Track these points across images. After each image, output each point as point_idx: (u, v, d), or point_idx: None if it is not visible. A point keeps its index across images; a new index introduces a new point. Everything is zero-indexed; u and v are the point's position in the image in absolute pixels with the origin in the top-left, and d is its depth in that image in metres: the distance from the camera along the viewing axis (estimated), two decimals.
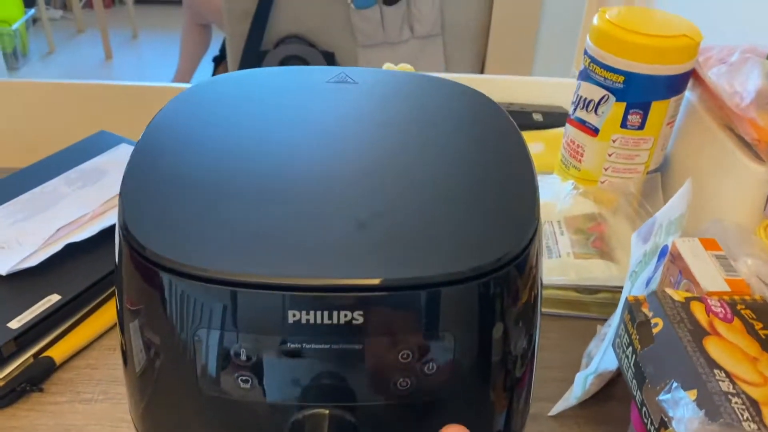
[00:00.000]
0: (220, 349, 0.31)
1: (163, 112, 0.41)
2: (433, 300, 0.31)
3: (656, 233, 0.52)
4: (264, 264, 0.30)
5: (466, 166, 0.38)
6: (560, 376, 0.60)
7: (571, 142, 0.72)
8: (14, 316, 0.57)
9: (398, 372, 0.31)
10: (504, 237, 0.33)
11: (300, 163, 0.37)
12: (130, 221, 0.32)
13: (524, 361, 0.37)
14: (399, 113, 0.42)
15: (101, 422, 0.54)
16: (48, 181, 0.72)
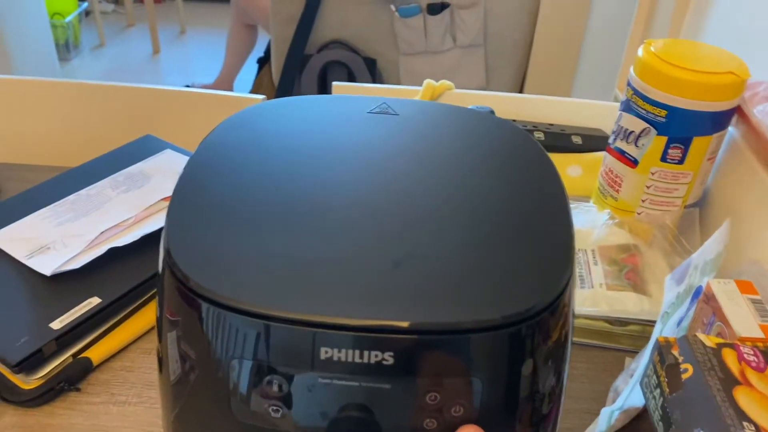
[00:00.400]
0: (252, 377, 0.32)
1: (211, 137, 0.42)
2: (463, 345, 0.31)
3: (691, 274, 0.51)
4: (300, 301, 0.31)
5: (504, 207, 0.38)
6: (585, 407, 0.60)
7: (610, 172, 0.72)
8: (56, 317, 0.59)
9: (425, 413, 0.32)
10: (537, 285, 0.33)
11: (340, 195, 0.38)
12: (173, 249, 0.34)
13: (552, 398, 0.37)
14: (438, 149, 0.43)
15: (133, 426, 0.56)
16: (94, 184, 0.75)
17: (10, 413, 0.56)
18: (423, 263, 0.34)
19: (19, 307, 0.60)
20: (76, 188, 0.74)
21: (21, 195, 0.73)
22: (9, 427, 0.55)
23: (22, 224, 0.68)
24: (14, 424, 0.55)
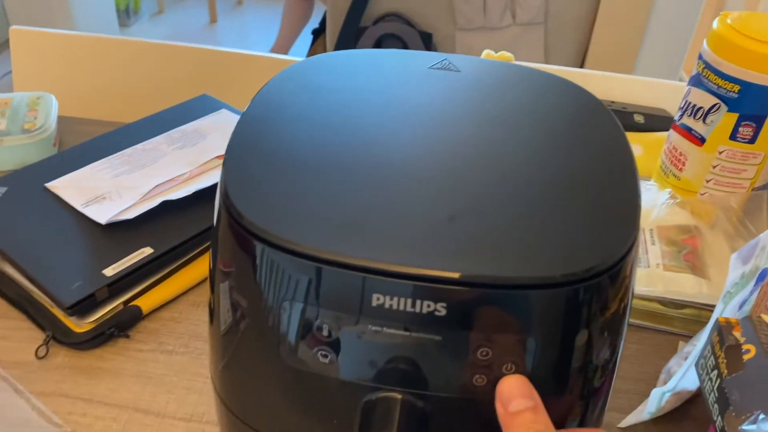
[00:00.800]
0: (302, 321, 0.32)
1: (269, 86, 0.42)
2: (520, 302, 0.30)
3: (758, 255, 0.49)
4: (356, 246, 0.30)
5: (568, 165, 0.37)
6: (634, 388, 0.58)
7: (674, 149, 0.69)
8: (109, 265, 0.60)
9: (475, 368, 0.31)
10: (601, 244, 0.32)
11: (398, 148, 0.37)
12: (231, 188, 0.33)
13: (604, 372, 0.36)
14: (501, 105, 0.41)
15: (179, 374, 0.57)
16: (150, 139, 0.76)
17: (62, 354, 0.57)
18: (482, 217, 0.33)
19: (74, 254, 0.62)
20: (133, 142, 0.75)
21: (80, 146, 0.75)
22: (61, 367, 0.56)
23: (79, 174, 0.70)
24: (66, 365, 0.57)
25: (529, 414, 0.30)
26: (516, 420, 0.30)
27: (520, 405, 0.30)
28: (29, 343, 0.58)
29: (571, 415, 0.36)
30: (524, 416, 0.30)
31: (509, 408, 0.30)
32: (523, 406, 0.30)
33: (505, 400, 0.31)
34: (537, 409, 0.31)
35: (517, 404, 0.30)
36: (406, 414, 0.32)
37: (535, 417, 0.30)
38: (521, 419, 0.30)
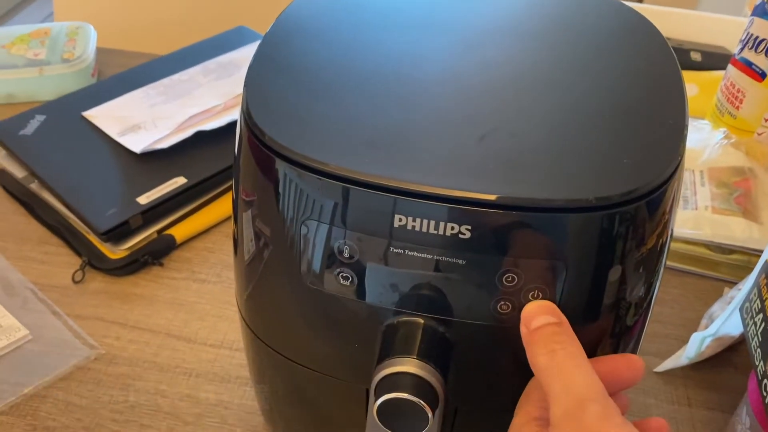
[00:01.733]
0: (324, 243, 0.31)
1: (293, 6, 0.40)
2: (548, 225, 0.29)
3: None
4: (378, 164, 0.29)
5: (610, 87, 0.34)
6: (674, 333, 0.56)
7: (731, 86, 0.65)
8: (143, 193, 0.60)
9: (500, 294, 0.30)
10: (640, 170, 0.29)
11: (429, 66, 0.35)
12: (253, 108, 0.32)
13: (638, 311, 0.34)
14: (542, 25, 0.39)
15: (211, 302, 0.57)
16: (186, 70, 0.75)
17: (98, 280, 0.58)
18: (514, 137, 0.31)
19: (109, 182, 0.62)
20: (169, 73, 0.74)
21: (117, 76, 0.75)
22: (97, 292, 0.57)
23: (115, 103, 0.70)
24: (102, 290, 0.58)
25: (551, 327, 0.29)
26: (537, 334, 0.29)
27: (542, 321, 0.29)
28: (66, 268, 0.59)
29: (600, 352, 0.34)
30: (546, 329, 0.29)
31: (531, 325, 0.29)
32: (545, 321, 0.29)
33: (528, 319, 0.29)
34: (561, 325, 0.29)
35: (538, 321, 0.29)
36: (427, 339, 0.31)
37: (559, 329, 0.29)
38: (543, 332, 0.28)
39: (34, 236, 0.62)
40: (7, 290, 0.57)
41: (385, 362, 0.31)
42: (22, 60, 0.77)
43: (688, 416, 0.50)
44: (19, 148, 0.64)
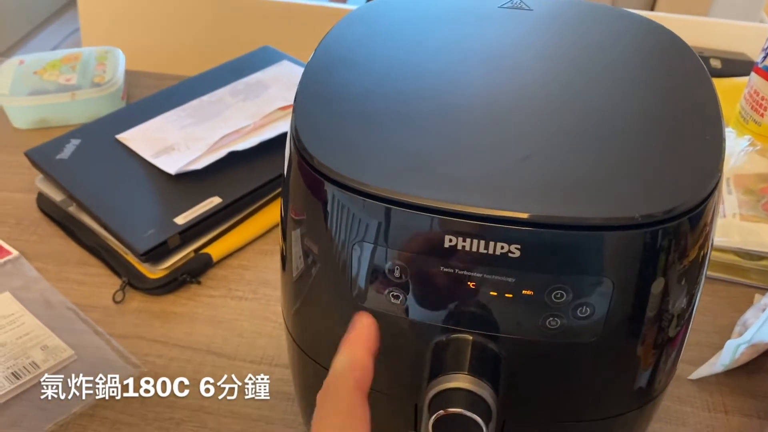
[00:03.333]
0: (374, 263, 0.32)
1: (335, 30, 0.41)
2: (595, 243, 0.30)
3: None
4: (426, 187, 0.30)
5: (648, 106, 0.35)
6: (707, 340, 0.57)
7: (755, 93, 0.65)
8: (180, 213, 0.62)
9: (548, 310, 0.31)
10: (681, 186, 0.30)
11: (469, 90, 0.36)
12: (302, 133, 0.33)
13: (680, 321, 0.35)
14: (576, 45, 0.40)
15: (249, 319, 0.58)
16: (214, 91, 0.77)
17: (138, 299, 0.60)
18: (557, 156, 0.32)
19: (146, 203, 0.64)
20: (198, 95, 0.76)
21: (146, 99, 0.77)
22: (137, 311, 0.59)
23: (148, 126, 0.71)
24: (141, 309, 0.59)
25: None
26: None
27: None
28: (106, 289, 0.60)
29: (644, 363, 0.35)
30: None
31: None
32: None
33: None
34: None
35: None
36: (477, 355, 0.32)
37: None
38: None
39: (74, 258, 0.63)
40: (49, 311, 0.59)
41: (438, 378, 0.32)
42: (54, 85, 0.79)
43: (724, 423, 0.51)
44: (57, 172, 0.66)
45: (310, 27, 0.92)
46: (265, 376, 0.53)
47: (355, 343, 0.30)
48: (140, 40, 1.00)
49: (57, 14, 2.59)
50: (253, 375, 0.53)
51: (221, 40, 0.96)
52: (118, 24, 1.02)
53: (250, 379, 0.53)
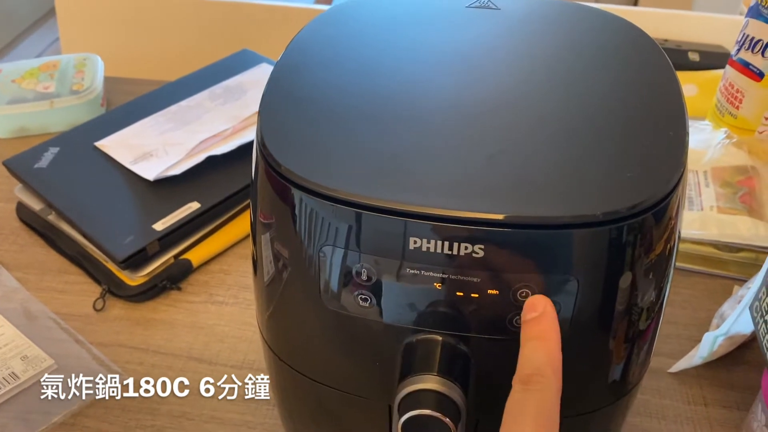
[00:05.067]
0: (342, 266, 0.32)
1: (304, 32, 0.41)
2: (559, 241, 0.30)
3: None
4: (391, 190, 0.30)
5: (610, 101, 0.35)
6: (686, 333, 0.57)
7: (730, 86, 0.66)
8: (158, 219, 0.62)
9: (515, 309, 0.31)
10: (644, 181, 0.30)
11: (435, 91, 0.36)
12: (267, 138, 0.33)
13: (650, 315, 0.35)
14: (542, 43, 0.40)
15: (230, 324, 0.58)
16: (193, 96, 0.76)
17: (118, 306, 0.60)
18: (519, 156, 0.32)
19: (124, 210, 0.63)
20: (176, 100, 0.76)
21: (125, 106, 0.76)
22: (117, 319, 0.59)
23: (126, 132, 0.71)
24: (122, 317, 0.59)
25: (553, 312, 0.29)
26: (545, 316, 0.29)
27: None
28: (87, 297, 0.60)
29: (616, 359, 0.35)
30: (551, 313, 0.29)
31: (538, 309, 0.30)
32: None
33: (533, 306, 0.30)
34: None
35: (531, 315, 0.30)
36: (446, 355, 0.32)
37: None
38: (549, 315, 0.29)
39: (54, 267, 0.63)
40: (30, 321, 0.58)
41: (407, 380, 0.32)
42: (32, 94, 0.79)
43: (704, 415, 0.51)
44: (35, 181, 0.66)
45: (290, 29, 0.92)
46: (265, 377, 0.53)
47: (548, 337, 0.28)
48: (119, 46, 0.99)
49: (40, 22, 2.57)
50: (237, 378, 0.53)
51: (200, 44, 0.96)
52: (97, 30, 1.02)
53: (247, 381, 0.53)
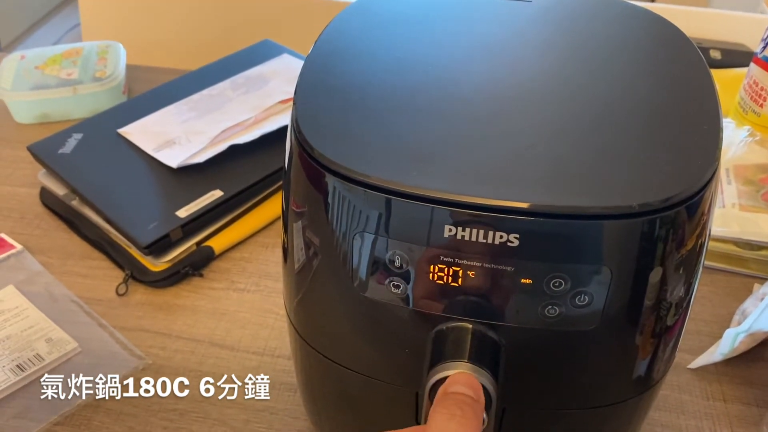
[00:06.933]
0: (375, 253, 0.32)
1: (336, 22, 0.42)
2: (593, 232, 0.30)
3: None
4: (427, 177, 0.30)
5: (646, 96, 0.35)
6: (706, 330, 0.57)
7: (754, 84, 0.65)
8: (182, 206, 0.62)
9: (547, 299, 0.31)
10: (679, 175, 0.31)
11: (469, 81, 0.36)
12: (302, 123, 0.34)
13: (678, 310, 0.35)
14: (575, 36, 0.40)
15: (251, 311, 0.59)
16: (215, 85, 0.77)
17: (141, 292, 0.60)
18: (554, 147, 0.32)
19: (148, 196, 0.64)
20: (198, 89, 0.76)
21: (147, 93, 0.77)
22: (140, 304, 0.59)
23: (149, 120, 0.72)
24: (145, 302, 0.59)
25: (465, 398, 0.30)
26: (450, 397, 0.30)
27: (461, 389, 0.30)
28: (110, 282, 0.61)
29: (642, 352, 0.36)
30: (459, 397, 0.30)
31: (450, 389, 0.30)
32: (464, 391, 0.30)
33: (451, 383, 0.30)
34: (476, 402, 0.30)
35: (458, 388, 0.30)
36: (477, 343, 0.32)
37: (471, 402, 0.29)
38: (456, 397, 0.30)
39: (77, 251, 0.64)
40: (53, 304, 0.59)
41: (439, 366, 0.32)
42: (55, 80, 0.80)
43: (723, 412, 0.51)
44: (59, 166, 0.66)
45: (311, 20, 0.92)
46: (267, 368, 0.54)
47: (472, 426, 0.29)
48: (141, 34, 1.00)
49: (57, 9, 2.59)
50: (257, 366, 0.54)
51: (222, 33, 0.96)
52: (118, 18, 1.02)
53: (254, 370, 0.53)
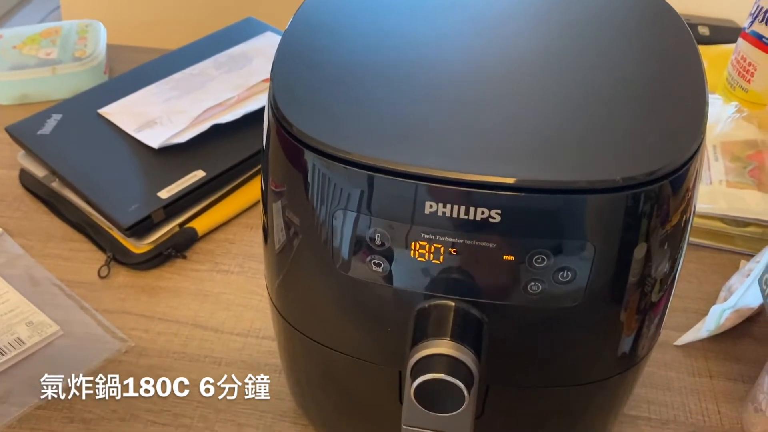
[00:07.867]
0: (356, 231, 0.32)
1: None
2: (576, 207, 0.29)
3: None
4: (407, 153, 0.30)
5: (632, 71, 0.35)
6: (692, 306, 0.57)
7: (742, 59, 0.65)
8: (163, 187, 0.61)
9: (530, 275, 0.31)
10: (663, 149, 0.30)
11: (450, 54, 0.36)
12: (280, 100, 0.33)
13: (663, 286, 0.35)
14: (562, 11, 0.39)
15: (235, 292, 0.58)
16: (197, 64, 0.75)
17: (123, 274, 0.59)
18: (537, 122, 0.31)
19: (129, 177, 0.63)
20: (180, 68, 0.75)
21: (129, 73, 0.75)
22: (123, 286, 0.58)
23: (130, 100, 0.70)
24: (128, 284, 0.59)
25: None
26: None
27: None
28: (92, 264, 0.60)
29: (627, 329, 0.35)
30: None
31: None
32: None
33: None
34: None
35: None
36: (459, 321, 0.32)
37: None
38: None
39: (58, 234, 0.63)
40: (34, 287, 0.58)
41: (420, 344, 0.32)
42: (34, 60, 0.78)
43: (709, 387, 0.51)
44: (39, 147, 0.65)
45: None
46: (252, 349, 0.54)
47: None
48: (121, 13, 0.98)
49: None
50: (241, 348, 0.53)
51: (204, 12, 0.94)
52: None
53: (238, 352, 0.53)
